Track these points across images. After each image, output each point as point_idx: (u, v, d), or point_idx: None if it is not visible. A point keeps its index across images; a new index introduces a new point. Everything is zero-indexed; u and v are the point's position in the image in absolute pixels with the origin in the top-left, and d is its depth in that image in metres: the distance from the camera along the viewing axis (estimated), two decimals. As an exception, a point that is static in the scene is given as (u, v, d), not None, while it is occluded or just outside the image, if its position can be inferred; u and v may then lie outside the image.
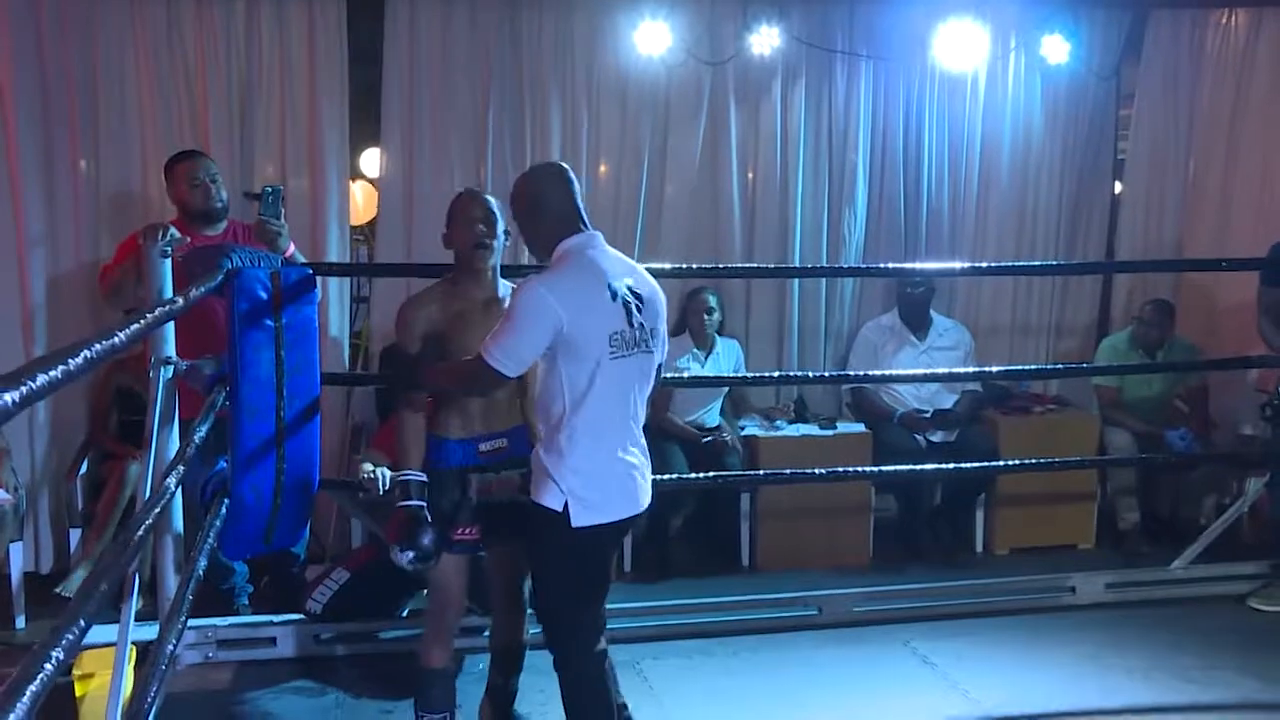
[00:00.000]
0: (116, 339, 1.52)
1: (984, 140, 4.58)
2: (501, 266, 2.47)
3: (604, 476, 2.21)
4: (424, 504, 2.33)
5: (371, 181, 4.53)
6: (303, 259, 3.23)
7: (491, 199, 2.43)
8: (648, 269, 2.40)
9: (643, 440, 2.31)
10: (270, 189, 3.06)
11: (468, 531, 2.40)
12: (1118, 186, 4.85)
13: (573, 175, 2.30)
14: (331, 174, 3.97)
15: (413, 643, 3.20)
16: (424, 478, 2.34)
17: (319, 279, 2.95)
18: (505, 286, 2.46)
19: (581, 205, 2.28)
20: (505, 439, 2.42)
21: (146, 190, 3.81)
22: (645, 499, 2.30)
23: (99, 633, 2.19)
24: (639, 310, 2.22)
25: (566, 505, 2.18)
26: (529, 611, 2.59)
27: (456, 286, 2.41)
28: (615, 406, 2.21)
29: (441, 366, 2.34)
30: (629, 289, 2.21)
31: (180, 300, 2.21)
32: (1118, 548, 4.25)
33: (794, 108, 4.39)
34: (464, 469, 2.38)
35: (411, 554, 2.30)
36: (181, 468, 2.26)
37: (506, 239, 2.45)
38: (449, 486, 2.38)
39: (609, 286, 2.19)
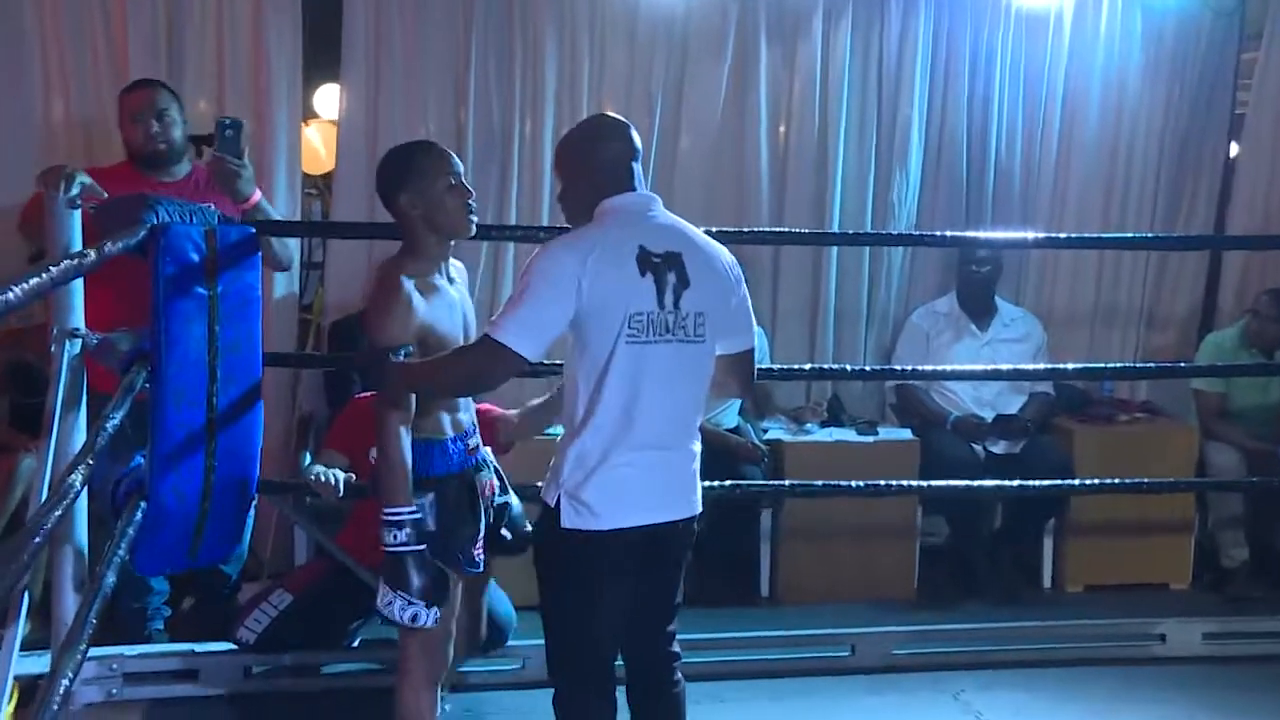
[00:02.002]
0: (7, 297, 1.49)
1: (1067, 90, 4.54)
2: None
3: (615, 480, 2.20)
4: (424, 547, 2.27)
5: (329, 123, 4.50)
6: (272, 210, 3.21)
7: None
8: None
9: (693, 445, 2.32)
10: (228, 121, 3.05)
11: (482, 545, 2.44)
12: (1234, 148, 4.81)
13: (636, 134, 2.31)
14: (280, 114, 3.95)
15: (363, 678, 3.22)
16: (419, 514, 2.26)
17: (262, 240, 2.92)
18: (456, 267, 2.47)
19: (638, 168, 2.30)
20: (477, 436, 2.48)
21: (50, 128, 3.79)
22: (680, 509, 2.30)
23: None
24: (681, 292, 2.20)
25: (559, 502, 2.21)
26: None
27: (420, 264, 2.34)
28: (643, 400, 2.19)
29: (435, 362, 2.28)
30: (673, 266, 2.20)
31: (91, 254, 2.18)
32: (1219, 590, 4.23)
33: (837, 48, 4.36)
34: (465, 472, 2.40)
35: (421, 608, 2.25)
36: (89, 463, 2.24)
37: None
38: (463, 496, 2.37)
39: (639, 257, 2.17)
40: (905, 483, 3.90)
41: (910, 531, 4.18)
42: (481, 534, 2.43)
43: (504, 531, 2.58)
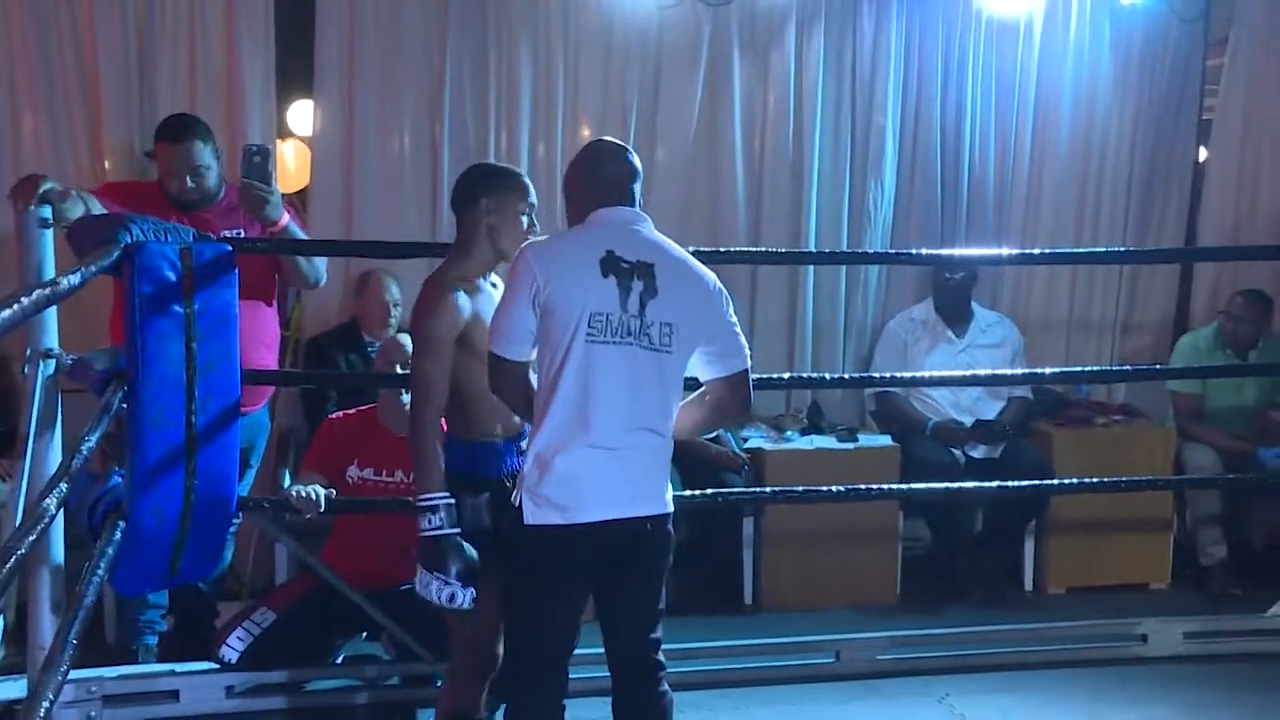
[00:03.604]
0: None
1: (1039, 98, 4.58)
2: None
3: (570, 476, 2.25)
4: (458, 530, 2.35)
5: (303, 140, 4.49)
6: (300, 231, 3.22)
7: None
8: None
9: (655, 447, 2.34)
10: (255, 148, 3.11)
11: None
12: (1202, 153, 4.86)
13: (635, 160, 2.43)
14: (254, 132, 3.93)
15: (347, 694, 3.21)
16: (452, 500, 2.36)
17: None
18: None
19: (637, 189, 2.40)
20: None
21: (19, 144, 3.77)
22: (643, 506, 2.32)
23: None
24: (647, 300, 2.27)
25: (521, 499, 2.29)
26: None
27: (471, 269, 2.49)
28: (599, 399, 2.25)
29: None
30: (643, 275, 2.27)
31: (65, 282, 2.17)
32: (1199, 589, 4.25)
33: (810, 59, 4.39)
34: (509, 476, 2.45)
35: (459, 588, 2.33)
36: (64, 485, 2.23)
37: None
38: (503, 499, 2.40)
39: (604, 260, 2.26)
40: (886, 486, 3.92)
41: (892, 537, 4.19)
42: None
43: None
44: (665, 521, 2.38)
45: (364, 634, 3.38)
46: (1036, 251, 4.36)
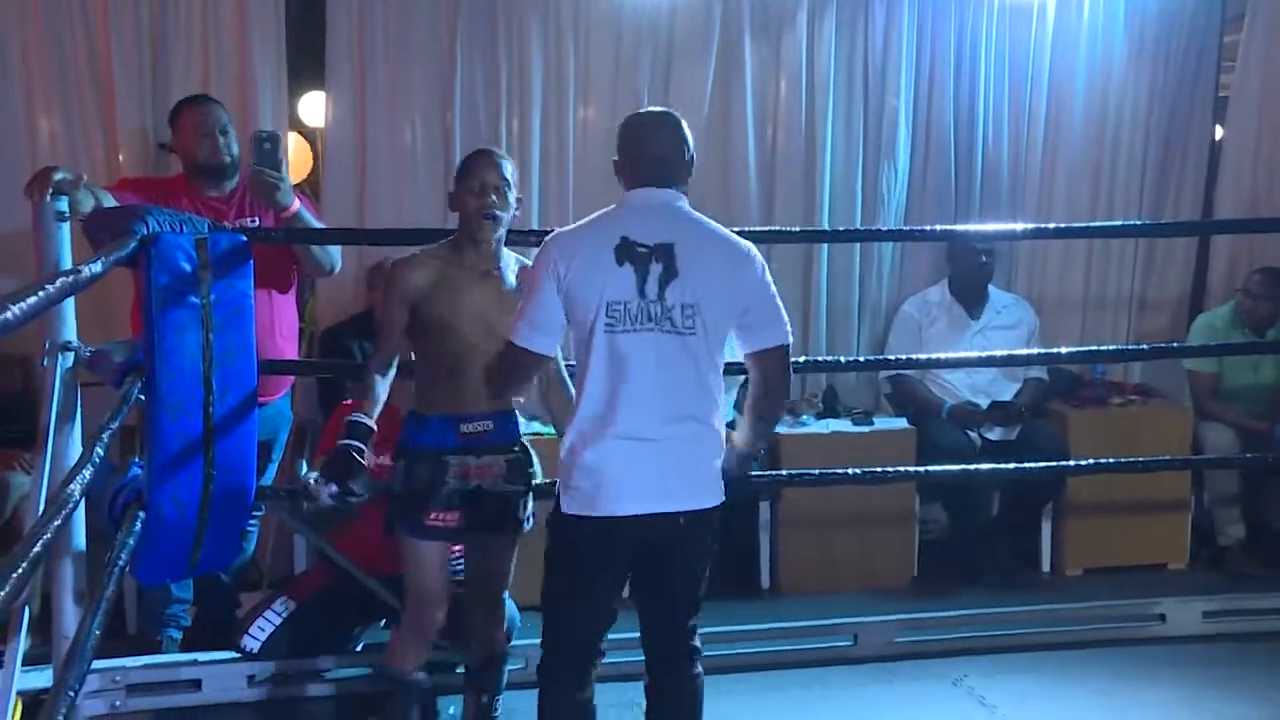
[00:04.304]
0: (5, 316, 1.49)
1: (1053, 77, 4.55)
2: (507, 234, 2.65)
3: (599, 468, 2.25)
4: (363, 447, 2.51)
5: (312, 132, 4.50)
6: (313, 219, 3.24)
7: (507, 162, 2.61)
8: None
9: (693, 436, 2.30)
10: (265, 134, 3.16)
11: (442, 518, 2.55)
12: (1219, 131, 4.82)
13: (683, 127, 2.39)
14: (265, 123, 3.93)
15: (367, 682, 3.22)
16: (370, 423, 2.54)
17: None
18: (509, 257, 2.65)
19: (675, 159, 2.36)
20: (490, 421, 2.58)
21: (35, 145, 3.79)
22: (677, 500, 2.29)
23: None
24: (666, 282, 2.24)
25: (558, 489, 2.32)
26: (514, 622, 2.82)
27: (454, 253, 2.60)
28: (626, 389, 2.23)
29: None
30: (662, 257, 2.24)
31: (86, 270, 2.17)
32: (1217, 568, 4.25)
33: (822, 42, 4.37)
34: (441, 450, 2.55)
35: (335, 488, 2.51)
36: (86, 473, 2.24)
37: (517, 207, 2.62)
38: (424, 467, 2.54)
39: (619, 247, 2.24)
40: (902, 469, 3.92)
41: (908, 520, 4.19)
42: (442, 507, 2.55)
43: (520, 517, 2.68)
44: (707, 516, 2.35)
45: (384, 622, 3.40)
46: (1051, 226, 4.32)
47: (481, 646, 2.79)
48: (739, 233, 4.05)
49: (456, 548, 2.85)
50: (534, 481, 2.71)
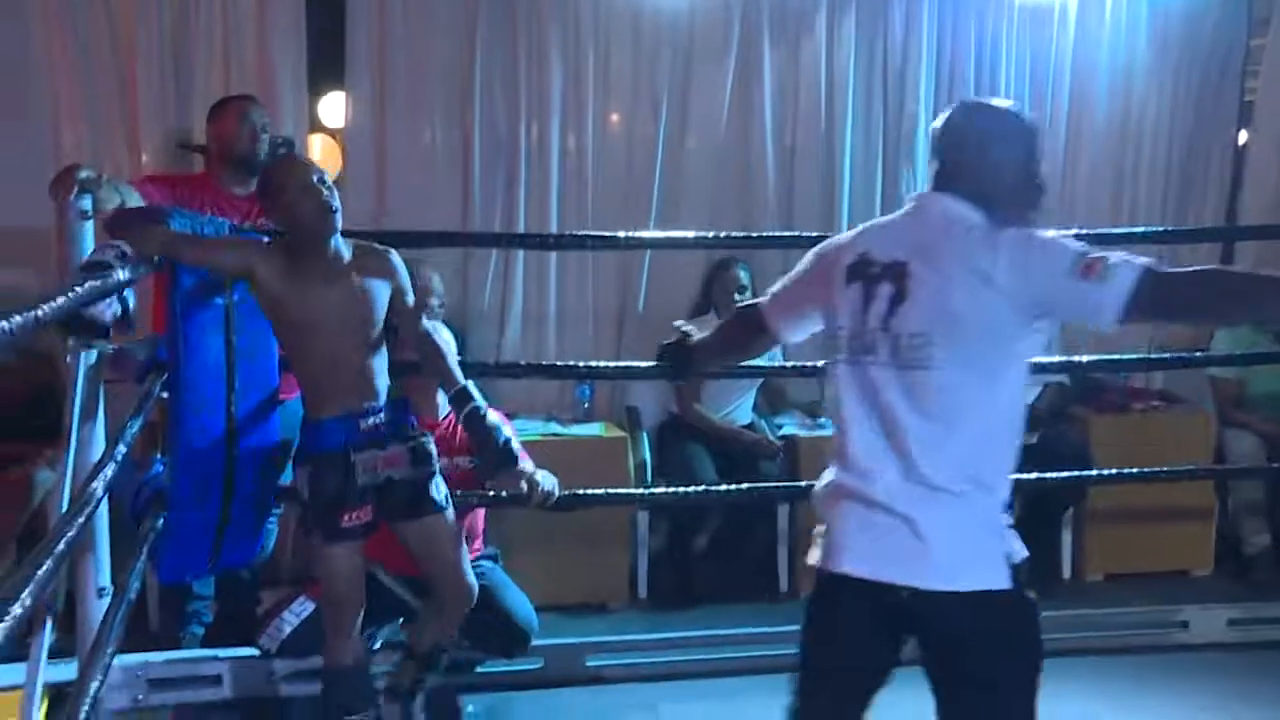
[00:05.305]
0: (35, 315, 1.51)
1: (1074, 81, 4.55)
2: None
3: (826, 514, 1.99)
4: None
5: (333, 134, 4.53)
6: None
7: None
8: (665, 236, 2.37)
9: (940, 502, 1.87)
10: (281, 139, 3.22)
11: (356, 516, 2.54)
12: (1243, 136, 4.80)
13: (957, 118, 2.03)
14: (286, 125, 3.97)
15: (384, 679, 3.23)
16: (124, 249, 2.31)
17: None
18: (346, 245, 2.57)
19: (959, 153, 1.98)
20: (384, 412, 2.57)
21: (59, 153, 3.80)
22: (896, 572, 1.87)
23: (4, 674, 2.21)
24: (895, 308, 1.88)
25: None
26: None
27: (293, 256, 2.50)
28: (852, 431, 1.93)
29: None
30: (893, 277, 1.89)
31: (114, 275, 2.18)
32: (1242, 576, 4.23)
33: (842, 45, 4.37)
34: (346, 449, 2.52)
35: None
36: (110, 469, 2.26)
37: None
38: (333, 470, 2.51)
39: (852, 265, 1.95)
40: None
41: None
42: (355, 505, 2.53)
43: (432, 498, 2.66)
44: (956, 602, 1.86)
45: (400, 620, 3.41)
46: (1073, 232, 4.29)
47: (428, 631, 2.80)
48: (756, 238, 4.10)
49: (476, 546, 2.85)
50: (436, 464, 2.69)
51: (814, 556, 2.02)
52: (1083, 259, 1.85)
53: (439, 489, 2.68)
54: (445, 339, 2.64)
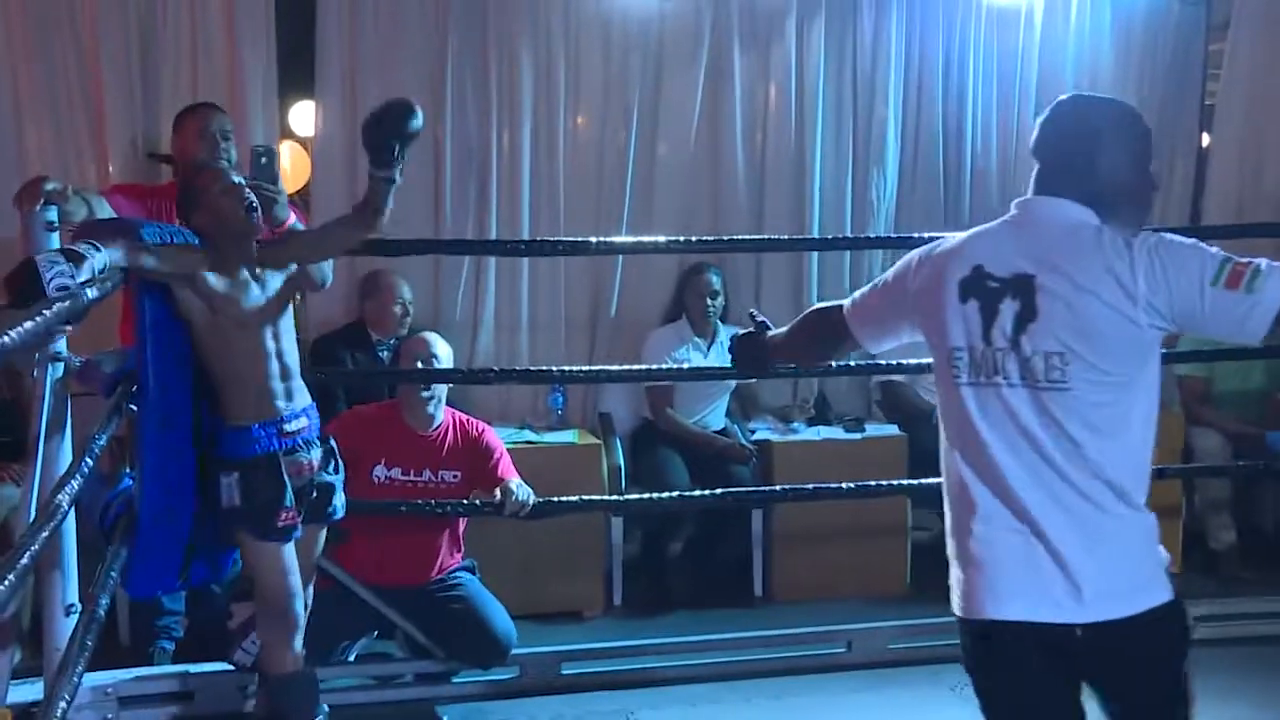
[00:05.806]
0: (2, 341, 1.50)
1: (1040, 85, 4.58)
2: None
3: (960, 558, 1.88)
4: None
5: (304, 143, 4.51)
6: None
7: None
8: (637, 242, 2.33)
9: (1096, 522, 1.79)
10: (262, 149, 3.16)
11: (289, 517, 2.57)
12: (1205, 138, 4.85)
13: (1062, 112, 1.97)
14: (256, 134, 3.93)
15: (359, 692, 3.22)
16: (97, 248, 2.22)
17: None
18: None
19: (1073, 158, 1.88)
20: (305, 416, 2.62)
21: (24, 156, 3.77)
22: (1055, 610, 1.77)
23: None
24: (1025, 325, 1.77)
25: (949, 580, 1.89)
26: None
27: (223, 256, 2.54)
28: (979, 460, 1.84)
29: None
30: (1018, 292, 1.78)
31: (84, 297, 2.16)
32: (1210, 573, 4.25)
33: (811, 50, 4.39)
34: (273, 454, 2.55)
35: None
36: (75, 482, 2.23)
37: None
38: (265, 475, 2.53)
39: (965, 280, 1.83)
40: (895, 482, 3.89)
41: (901, 527, 4.19)
42: (288, 507, 2.55)
43: (334, 504, 2.72)
44: (1131, 626, 1.77)
45: (375, 634, 3.39)
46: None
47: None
48: (728, 241, 4.11)
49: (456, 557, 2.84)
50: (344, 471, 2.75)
51: (959, 605, 1.88)
52: (1227, 266, 1.72)
53: (341, 497, 2.74)
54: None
